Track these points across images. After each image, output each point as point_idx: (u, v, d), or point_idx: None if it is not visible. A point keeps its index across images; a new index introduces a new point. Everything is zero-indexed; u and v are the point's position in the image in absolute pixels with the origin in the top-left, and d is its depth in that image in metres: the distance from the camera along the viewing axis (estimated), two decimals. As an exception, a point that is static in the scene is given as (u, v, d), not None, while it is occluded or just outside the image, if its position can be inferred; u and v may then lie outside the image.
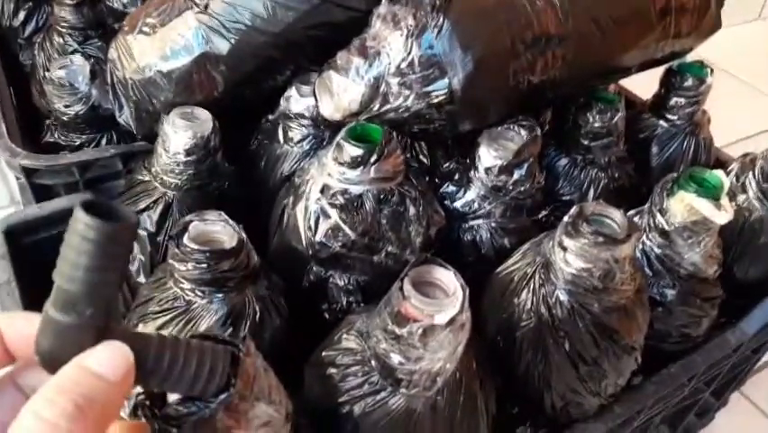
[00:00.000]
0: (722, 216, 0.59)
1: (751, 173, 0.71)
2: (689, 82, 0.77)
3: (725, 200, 0.60)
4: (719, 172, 0.62)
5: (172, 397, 0.35)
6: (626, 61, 0.69)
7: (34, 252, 0.68)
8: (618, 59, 0.68)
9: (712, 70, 0.78)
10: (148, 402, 0.34)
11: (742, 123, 1.49)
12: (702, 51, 0.77)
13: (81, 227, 0.27)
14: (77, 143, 0.77)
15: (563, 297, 0.53)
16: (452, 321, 0.44)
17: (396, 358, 0.45)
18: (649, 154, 0.80)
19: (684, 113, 0.78)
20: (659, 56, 0.73)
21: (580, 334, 0.53)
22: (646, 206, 0.65)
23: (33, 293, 0.63)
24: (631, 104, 0.90)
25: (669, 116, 0.79)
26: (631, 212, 0.67)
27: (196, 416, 0.33)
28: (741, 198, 0.72)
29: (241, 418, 0.35)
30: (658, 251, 0.63)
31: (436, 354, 0.45)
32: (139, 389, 0.35)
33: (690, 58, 0.79)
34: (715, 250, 0.64)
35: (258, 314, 0.53)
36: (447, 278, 0.46)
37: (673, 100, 0.78)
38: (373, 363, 0.47)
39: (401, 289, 0.44)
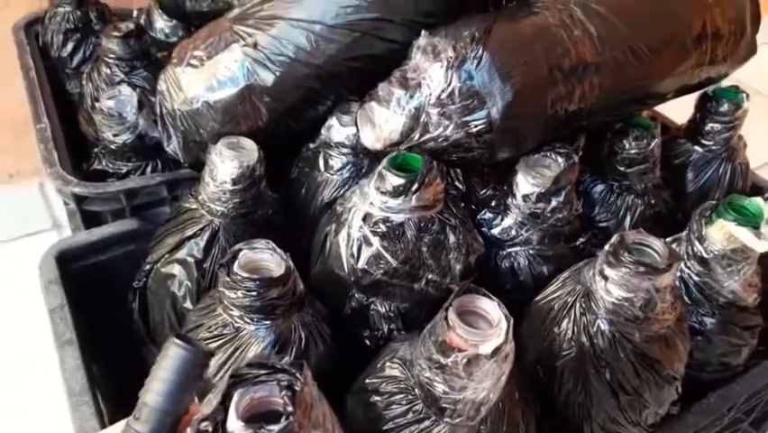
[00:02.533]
0: (762, 244, 0.59)
1: (790, 199, 0.70)
2: (724, 107, 0.77)
3: (765, 228, 0.60)
4: (759, 200, 0.62)
5: (232, 425, 0.37)
6: (662, 88, 0.70)
7: (84, 277, 0.71)
8: (654, 86, 0.69)
9: (748, 95, 0.78)
10: (210, 429, 0.36)
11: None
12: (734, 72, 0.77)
13: (173, 352, 0.37)
14: (123, 171, 0.80)
15: (604, 326, 0.53)
16: (496, 351, 0.44)
17: (440, 387, 0.46)
18: (684, 180, 0.80)
19: (720, 138, 0.78)
20: (695, 82, 0.73)
21: (622, 364, 0.53)
22: (684, 233, 0.65)
23: (83, 317, 0.66)
24: (666, 129, 0.90)
25: (705, 142, 0.79)
26: (668, 239, 0.67)
27: (258, 443, 0.35)
28: (780, 224, 0.71)
29: (299, 445, 0.36)
30: (697, 279, 0.63)
31: (481, 383, 0.45)
32: (201, 415, 0.36)
33: (723, 82, 0.79)
34: (754, 278, 0.64)
35: (303, 340, 0.54)
36: (491, 308, 0.47)
37: (709, 126, 0.78)
38: (417, 391, 0.48)
39: (446, 318, 0.45)
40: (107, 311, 0.69)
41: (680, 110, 0.86)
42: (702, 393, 0.66)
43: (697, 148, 0.80)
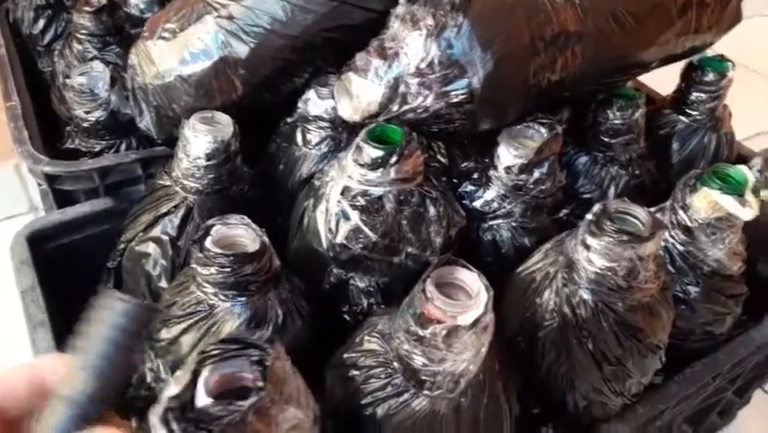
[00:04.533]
0: (746, 212, 0.59)
1: (775, 168, 0.70)
2: (709, 77, 0.76)
3: (749, 196, 0.59)
4: (743, 168, 0.61)
5: (202, 401, 0.35)
6: (646, 57, 0.68)
7: (57, 257, 0.69)
8: (639, 54, 0.68)
9: (733, 64, 0.77)
10: (179, 405, 0.34)
11: (760, 116, 1.47)
12: (719, 46, 0.76)
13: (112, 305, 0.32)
14: (96, 149, 0.78)
15: (587, 296, 0.52)
16: (475, 323, 0.43)
17: (419, 360, 0.45)
18: (670, 150, 0.79)
19: (705, 108, 0.77)
20: (679, 51, 0.72)
21: (604, 333, 0.52)
22: (668, 202, 0.64)
23: (56, 299, 0.64)
24: (651, 100, 0.89)
25: (690, 112, 0.78)
26: (653, 209, 0.66)
27: (227, 419, 0.34)
28: (765, 192, 0.70)
29: (271, 421, 0.35)
30: (681, 248, 0.62)
31: (460, 355, 0.44)
32: (170, 392, 0.35)
33: (708, 52, 0.78)
34: (739, 246, 0.63)
35: (280, 317, 0.53)
36: (470, 279, 0.46)
37: (694, 95, 0.77)
38: (396, 364, 0.47)
39: (424, 290, 0.44)
40: (81, 292, 0.67)
41: (665, 82, 0.85)
42: (687, 362, 0.65)
43: (682, 118, 0.79)
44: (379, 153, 0.54)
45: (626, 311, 0.52)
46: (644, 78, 0.84)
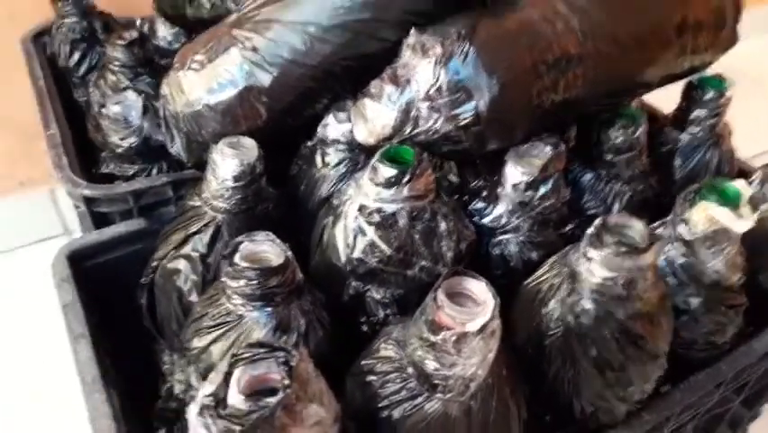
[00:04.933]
0: (742, 224, 0.61)
1: (773, 183, 0.72)
2: (709, 95, 0.79)
3: (745, 209, 0.62)
4: (739, 182, 0.64)
5: (234, 399, 0.39)
6: (646, 78, 0.72)
7: (94, 275, 0.74)
8: (638, 75, 0.72)
9: (732, 83, 0.80)
10: (213, 403, 0.38)
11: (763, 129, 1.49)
12: (731, 62, 0.79)
13: None
14: (130, 173, 0.83)
15: (589, 305, 0.55)
16: (483, 328, 0.47)
17: (431, 364, 0.49)
18: (673, 166, 0.82)
19: (706, 125, 0.80)
20: (678, 71, 0.76)
21: (606, 341, 0.55)
22: (670, 216, 0.67)
23: (95, 314, 0.69)
24: (653, 118, 0.93)
25: (691, 129, 0.81)
26: (655, 223, 0.69)
27: (257, 414, 0.38)
28: (764, 206, 0.73)
29: (296, 417, 0.39)
30: (682, 260, 0.65)
31: (469, 360, 0.48)
32: (206, 390, 0.39)
33: (718, 68, 0.81)
34: (737, 258, 0.66)
35: (303, 326, 0.57)
36: (478, 288, 0.50)
37: (695, 113, 0.81)
38: (410, 370, 0.51)
39: (435, 299, 0.48)
40: (118, 308, 0.72)
41: (668, 100, 0.89)
42: (692, 372, 0.68)
43: (684, 135, 0.82)
44: (393, 173, 0.58)
45: (626, 319, 0.55)
46: (647, 97, 0.87)
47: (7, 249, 1.28)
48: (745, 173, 0.85)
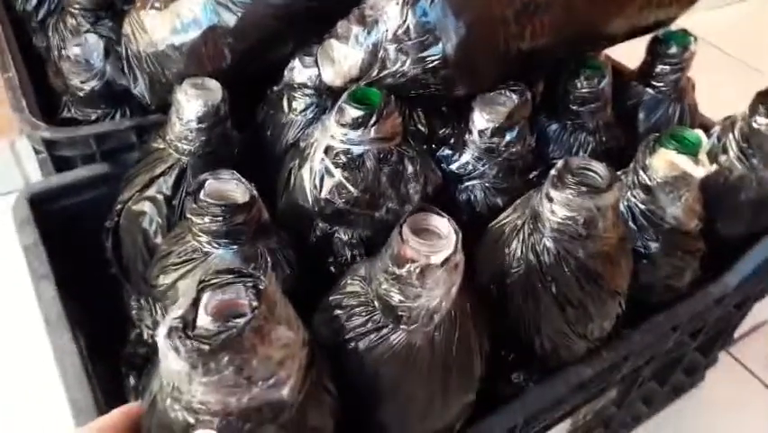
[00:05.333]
0: (700, 170, 0.63)
1: (731, 135, 0.75)
2: (673, 50, 0.80)
3: (703, 156, 0.64)
4: (698, 131, 0.66)
5: (202, 321, 0.40)
6: (611, 29, 0.73)
7: (57, 218, 0.73)
8: (604, 26, 0.72)
9: (695, 39, 0.82)
10: (181, 325, 0.39)
11: (730, 97, 1.52)
12: (697, 33, 0.81)
13: None
14: (93, 118, 0.81)
15: (550, 244, 0.57)
16: (446, 261, 0.48)
17: (396, 297, 0.49)
18: (637, 120, 0.84)
19: (669, 80, 0.82)
20: (644, 24, 0.77)
21: (566, 278, 0.57)
22: (631, 164, 0.69)
23: (58, 257, 0.68)
24: (619, 73, 0.94)
25: (655, 83, 0.83)
26: (618, 172, 0.71)
27: (226, 334, 0.38)
28: (722, 158, 0.76)
29: (265, 337, 0.40)
30: (642, 206, 0.67)
31: (432, 291, 0.49)
32: (174, 314, 0.39)
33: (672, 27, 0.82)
34: (695, 204, 0.68)
35: (269, 265, 0.57)
36: (442, 223, 0.50)
37: (659, 68, 0.82)
38: (376, 303, 0.52)
39: (400, 233, 0.49)
40: (81, 252, 0.71)
41: (635, 56, 0.90)
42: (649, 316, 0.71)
43: (648, 89, 0.84)
44: (360, 113, 0.58)
45: (586, 258, 0.57)
46: (614, 53, 0.89)
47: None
48: (705, 126, 0.87)
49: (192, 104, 0.65)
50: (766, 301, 0.93)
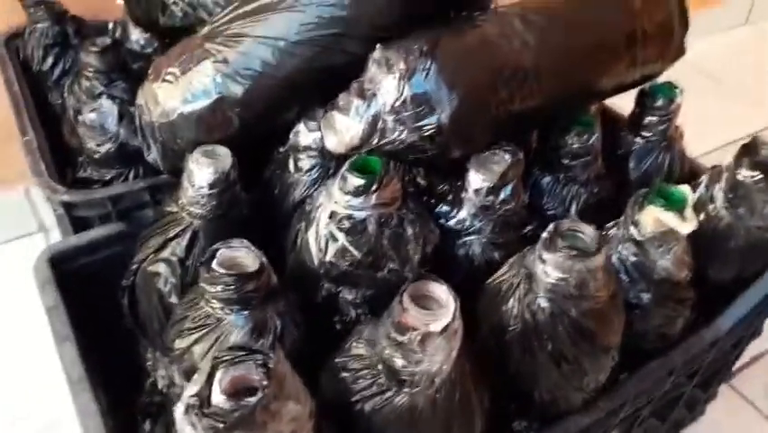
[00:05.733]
0: (686, 226, 0.66)
1: (718, 185, 0.78)
2: (659, 102, 0.84)
3: (689, 212, 0.67)
4: (684, 187, 0.69)
5: (217, 399, 0.43)
6: (598, 88, 0.77)
7: (76, 276, 0.76)
8: (591, 86, 0.76)
9: (682, 91, 0.85)
10: (198, 403, 0.42)
11: (727, 127, 1.56)
12: (687, 58, 0.83)
13: None
14: (107, 178, 0.85)
15: (544, 303, 0.60)
16: (445, 329, 0.51)
17: (399, 362, 0.52)
18: (628, 169, 0.87)
19: (658, 130, 0.86)
20: (630, 81, 0.80)
21: (561, 336, 0.60)
22: (621, 218, 0.72)
23: (78, 315, 0.71)
24: (615, 120, 0.98)
25: (644, 133, 0.87)
26: (610, 224, 0.74)
27: (239, 413, 0.41)
28: (710, 207, 0.79)
29: (274, 414, 0.43)
30: (633, 259, 0.70)
31: (434, 357, 0.52)
32: (190, 391, 0.42)
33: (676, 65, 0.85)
34: (684, 256, 0.71)
35: (279, 327, 0.60)
36: (440, 291, 0.54)
37: (647, 119, 0.86)
38: (380, 367, 0.55)
39: (401, 302, 0.52)
40: (100, 309, 0.74)
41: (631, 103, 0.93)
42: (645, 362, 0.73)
43: (638, 139, 0.87)
44: (361, 182, 0.62)
45: (579, 316, 0.60)
46: (610, 101, 0.92)
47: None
48: (695, 173, 0.91)
49: (203, 171, 0.68)
50: (764, 332, 0.96)
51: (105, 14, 1.11)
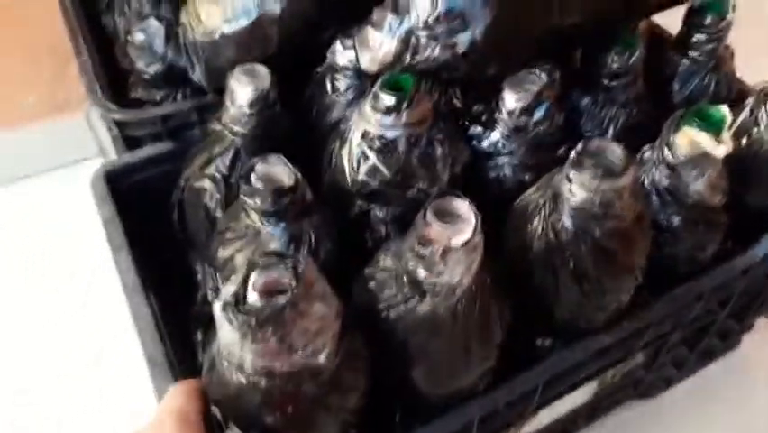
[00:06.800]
0: (721, 148, 0.65)
1: (764, 108, 0.75)
2: (708, 20, 0.80)
3: (725, 134, 0.66)
4: (723, 108, 0.67)
5: (251, 297, 0.47)
6: (641, 1, 0.74)
7: (130, 192, 0.82)
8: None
9: (734, 6, 0.81)
10: (234, 301, 0.46)
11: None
12: None
13: None
14: (157, 98, 0.89)
15: (568, 222, 0.61)
16: (466, 243, 0.53)
17: (421, 273, 0.55)
18: (672, 90, 0.85)
19: (705, 49, 0.82)
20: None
21: (583, 255, 0.62)
22: (657, 141, 0.71)
23: (131, 228, 0.77)
24: (663, 40, 0.94)
25: (691, 53, 0.83)
26: (646, 147, 0.73)
27: (269, 310, 0.45)
28: (754, 130, 0.76)
29: (302, 312, 0.47)
30: (666, 182, 0.69)
31: (454, 269, 0.55)
32: (228, 290, 0.47)
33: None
34: (719, 180, 0.70)
35: (313, 240, 0.64)
36: (463, 207, 0.56)
37: (695, 37, 0.82)
38: (404, 277, 0.58)
39: (424, 217, 0.54)
40: (154, 224, 0.80)
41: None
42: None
43: (684, 59, 0.84)
44: (393, 101, 0.63)
45: (601, 236, 0.61)
46: (660, 19, 0.88)
47: (47, 169, 1.38)
48: (744, 96, 0.87)
49: (243, 90, 0.71)
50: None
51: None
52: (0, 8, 1.16)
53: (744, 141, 0.77)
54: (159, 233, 0.80)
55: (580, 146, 0.60)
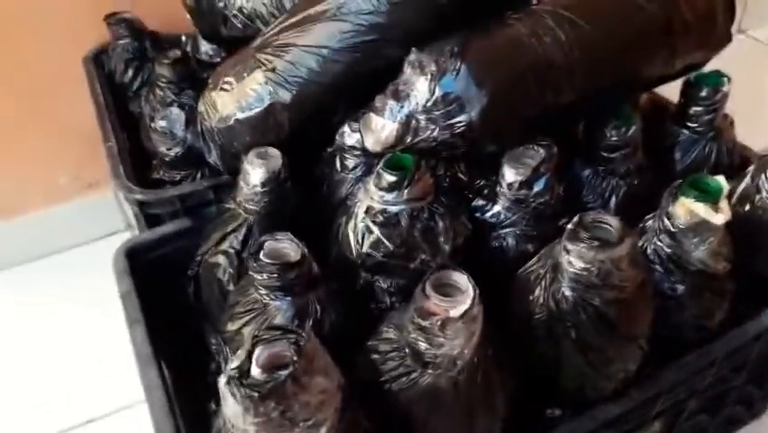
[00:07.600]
0: (720, 217, 0.66)
1: (764, 175, 0.76)
2: (704, 92, 0.83)
3: (723, 203, 0.67)
4: (720, 178, 0.69)
5: (254, 372, 0.49)
6: (635, 79, 0.77)
7: (148, 268, 0.85)
8: (629, 79, 0.77)
9: (729, 79, 0.84)
10: (238, 375, 0.48)
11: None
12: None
13: None
14: (177, 179, 0.95)
15: (568, 292, 0.62)
16: (464, 314, 0.55)
17: (423, 345, 0.56)
18: (673, 160, 0.87)
19: (704, 120, 0.85)
20: (673, 71, 0.80)
21: (584, 325, 0.62)
22: (658, 210, 0.72)
23: (149, 302, 0.80)
24: (663, 110, 0.97)
25: (689, 124, 0.86)
26: (648, 216, 0.75)
27: (272, 384, 0.47)
28: (756, 197, 0.77)
29: (304, 386, 0.48)
30: (668, 250, 0.70)
31: (454, 341, 0.56)
32: (232, 365, 0.49)
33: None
34: (722, 247, 0.70)
35: (319, 313, 0.66)
36: (461, 280, 0.57)
37: (693, 109, 0.85)
38: (406, 349, 0.59)
39: (423, 289, 0.56)
40: (171, 297, 0.83)
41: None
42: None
43: (683, 130, 0.87)
44: (394, 178, 0.66)
45: (602, 305, 0.62)
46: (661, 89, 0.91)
47: (77, 243, 1.44)
48: (746, 162, 0.88)
49: (256, 171, 0.75)
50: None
51: (178, 27, 1.20)
52: (33, 94, 1.24)
53: (747, 207, 0.78)
54: (176, 305, 0.83)
55: (576, 219, 0.62)
